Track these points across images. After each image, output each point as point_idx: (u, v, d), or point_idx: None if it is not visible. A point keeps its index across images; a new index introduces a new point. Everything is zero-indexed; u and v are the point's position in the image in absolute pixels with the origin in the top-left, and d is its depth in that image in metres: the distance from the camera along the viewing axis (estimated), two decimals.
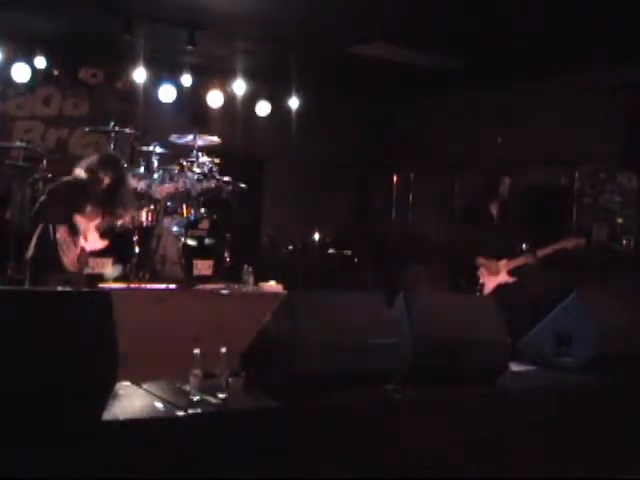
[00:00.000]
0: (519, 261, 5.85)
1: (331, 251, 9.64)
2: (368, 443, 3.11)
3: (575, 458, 3.71)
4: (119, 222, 5.78)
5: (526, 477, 3.50)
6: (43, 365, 2.52)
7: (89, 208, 5.34)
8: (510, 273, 5.83)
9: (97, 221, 5.39)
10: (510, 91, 9.17)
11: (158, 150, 6.68)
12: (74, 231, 5.22)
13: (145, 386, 3.18)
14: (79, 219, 5.28)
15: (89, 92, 9.35)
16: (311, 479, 2.94)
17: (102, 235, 5.45)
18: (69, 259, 5.20)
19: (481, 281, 5.77)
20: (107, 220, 5.46)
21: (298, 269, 8.85)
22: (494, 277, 5.79)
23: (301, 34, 7.92)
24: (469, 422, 3.39)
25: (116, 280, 5.89)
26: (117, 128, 6.66)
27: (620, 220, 8.44)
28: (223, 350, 3.06)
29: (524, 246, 5.97)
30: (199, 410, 2.83)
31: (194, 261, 6.17)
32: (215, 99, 9.68)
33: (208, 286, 6.23)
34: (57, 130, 9.26)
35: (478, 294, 5.60)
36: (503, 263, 5.83)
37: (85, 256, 5.38)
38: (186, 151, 6.86)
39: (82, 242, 5.30)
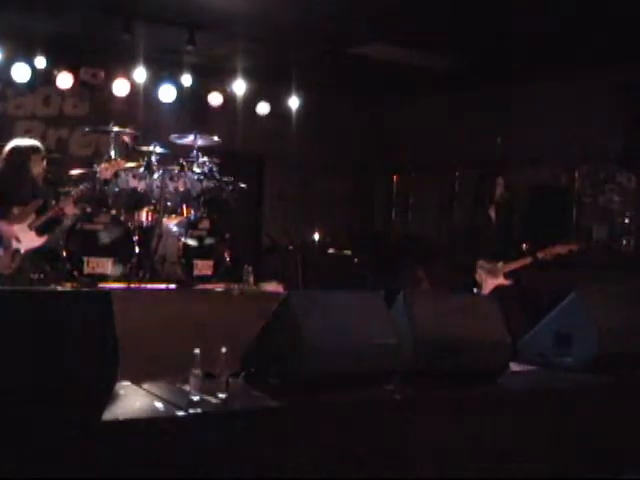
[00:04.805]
0: (517, 264, 5.85)
1: (331, 251, 9.64)
2: (368, 443, 3.11)
3: (575, 458, 3.71)
4: (65, 212, 5.75)
5: (526, 477, 3.50)
6: (43, 365, 2.52)
7: (15, 210, 5.38)
8: (507, 275, 5.82)
9: (29, 220, 5.43)
10: (510, 91, 9.17)
11: (158, 150, 6.67)
12: None
13: (145, 386, 3.18)
14: (2, 225, 5.34)
15: (89, 92, 9.35)
16: (311, 479, 2.94)
17: (39, 231, 5.49)
18: (3, 265, 5.25)
19: (479, 282, 5.77)
20: (42, 216, 5.52)
21: (298, 269, 8.85)
22: (492, 279, 5.78)
23: (301, 34, 7.92)
24: (469, 422, 3.39)
25: (116, 280, 5.89)
26: (117, 128, 6.65)
27: (620, 220, 8.44)
28: (223, 350, 3.06)
29: (524, 246, 5.97)
30: (199, 410, 2.83)
31: (194, 261, 6.17)
32: (215, 99, 9.68)
33: (208, 286, 6.24)
34: (57, 130, 9.25)
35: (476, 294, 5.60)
36: (500, 265, 5.83)
37: (20, 257, 5.41)
38: (186, 151, 6.86)
39: (15, 244, 5.33)
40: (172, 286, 6.16)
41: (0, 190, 5.48)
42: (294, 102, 9.95)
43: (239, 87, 9.56)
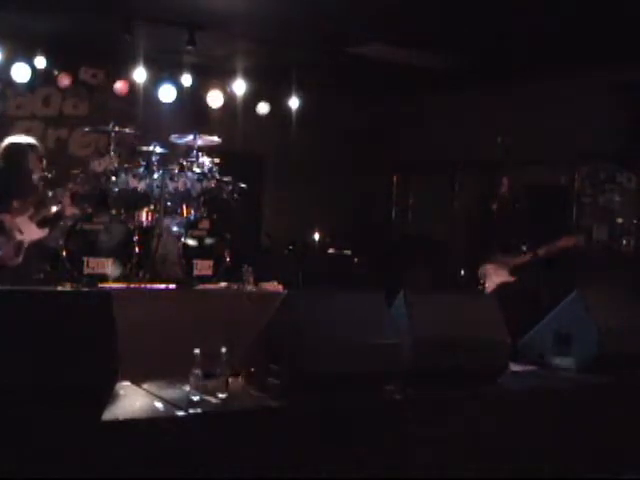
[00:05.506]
0: (520, 260, 5.86)
1: (331, 251, 9.64)
2: (368, 443, 3.11)
3: (575, 458, 3.71)
4: (54, 209, 5.80)
5: (526, 477, 3.51)
6: (43, 365, 2.52)
7: (15, 203, 5.42)
8: (512, 272, 5.84)
9: (29, 212, 5.50)
10: (510, 91, 9.17)
11: (158, 150, 6.67)
12: (1, 229, 5.31)
13: (145, 386, 3.18)
14: (5, 217, 5.35)
15: (89, 92, 9.35)
16: (311, 479, 2.94)
17: (40, 224, 5.54)
18: (6, 256, 5.26)
19: (482, 280, 5.79)
20: (40, 211, 5.57)
21: (298, 269, 8.85)
22: (497, 277, 5.80)
23: (301, 34, 7.92)
24: (469, 422, 3.39)
25: (116, 280, 5.89)
26: (117, 128, 6.64)
27: (620, 220, 8.44)
28: (223, 350, 3.06)
29: (524, 247, 5.97)
30: (199, 410, 2.83)
31: (194, 261, 6.16)
32: (215, 99, 9.68)
33: (208, 286, 6.23)
34: (57, 130, 9.26)
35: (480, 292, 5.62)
36: (503, 263, 5.85)
37: (24, 249, 5.45)
38: (186, 151, 6.86)
39: (18, 236, 5.34)
40: (172, 286, 6.16)
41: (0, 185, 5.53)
42: (294, 102, 9.94)
43: (239, 87, 9.56)
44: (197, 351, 2.99)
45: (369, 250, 9.78)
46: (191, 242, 6.20)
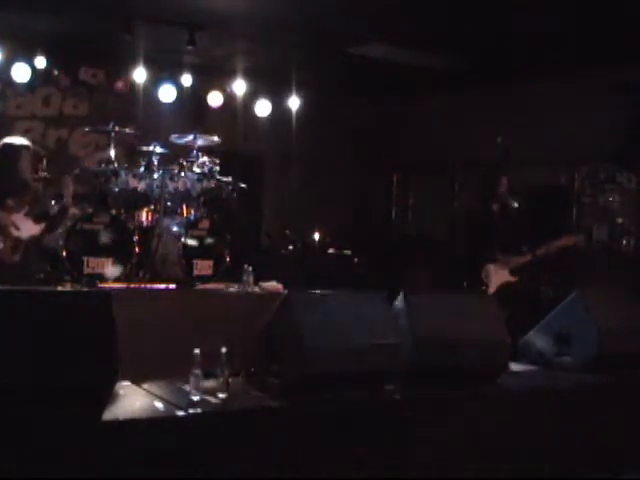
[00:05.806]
0: (520, 260, 5.87)
1: (331, 251, 9.65)
2: (368, 443, 3.11)
3: (575, 458, 3.71)
4: (55, 209, 5.78)
5: (526, 477, 3.51)
6: (43, 365, 2.52)
7: (10, 201, 5.44)
8: (512, 272, 5.85)
9: (25, 210, 5.48)
10: (510, 91, 9.17)
11: (158, 150, 6.67)
12: None
13: (145, 386, 3.18)
14: (0, 214, 5.37)
15: (89, 92, 9.35)
16: (311, 479, 2.94)
17: (36, 220, 5.52)
18: (3, 252, 5.28)
19: (484, 280, 5.79)
20: (35, 208, 5.55)
21: (298, 269, 8.85)
22: (499, 276, 5.81)
23: (301, 34, 7.92)
24: (469, 422, 3.39)
25: (116, 280, 5.89)
26: (117, 128, 6.65)
27: (620, 220, 8.44)
28: (223, 350, 3.07)
29: (524, 247, 5.98)
30: (199, 410, 2.83)
31: (194, 261, 6.17)
32: (215, 99, 9.68)
33: (208, 286, 6.24)
34: (57, 130, 9.25)
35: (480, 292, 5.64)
36: (505, 262, 5.86)
37: (23, 245, 5.42)
38: (186, 151, 6.86)
39: (15, 233, 5.36)
40: (172, 286, 6.17)
41: None
42: (294, 102, 9.94)
43: (239, 87, 9.55)
44: (197, 351, 2.99)
45: (369, 250, 9.78)
46: (191, 242, 6.21)
